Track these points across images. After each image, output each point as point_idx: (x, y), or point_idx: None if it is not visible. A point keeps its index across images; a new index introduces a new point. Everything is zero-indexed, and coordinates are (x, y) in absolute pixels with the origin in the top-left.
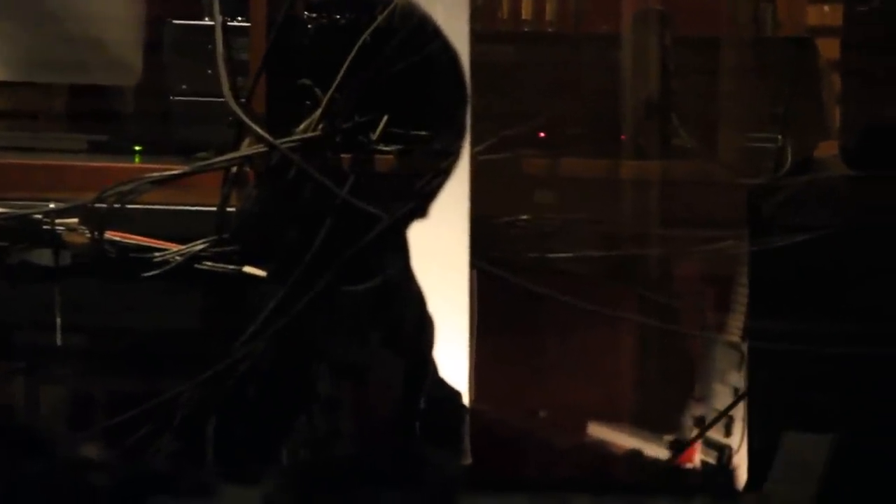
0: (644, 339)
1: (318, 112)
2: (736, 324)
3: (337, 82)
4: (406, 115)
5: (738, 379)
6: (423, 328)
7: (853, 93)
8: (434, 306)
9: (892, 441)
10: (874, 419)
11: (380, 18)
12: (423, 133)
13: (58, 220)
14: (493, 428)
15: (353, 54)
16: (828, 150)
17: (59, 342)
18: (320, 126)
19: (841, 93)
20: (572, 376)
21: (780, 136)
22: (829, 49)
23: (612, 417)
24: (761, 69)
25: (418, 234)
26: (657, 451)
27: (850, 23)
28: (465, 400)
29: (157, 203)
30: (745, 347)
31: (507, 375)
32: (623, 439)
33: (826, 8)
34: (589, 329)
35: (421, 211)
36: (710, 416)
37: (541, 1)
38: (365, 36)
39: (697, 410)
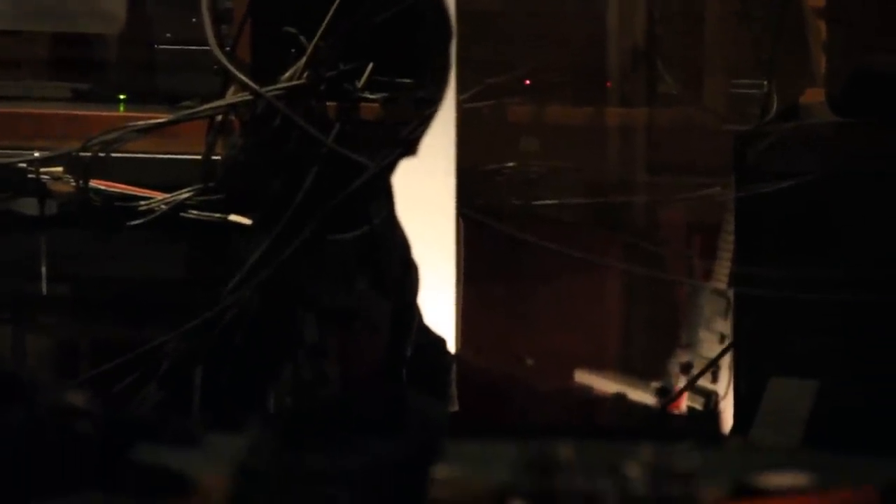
0: (630, 286)
1: (303, 60)
2: (722, 271)
3: (322, 30)
4: (391, 62)
5: (724, 326)
6: (408, 275)
7: (839, 39)
8: (420, 253)
9: (877, 386)
10: (859, 365)
11: None
12: (409, 81)
13: (42, 169)
14: (479, 375)
15: (337, 2)
16: (814, 96)
17: (44, 291)
18: (305, 74)
19: (826, 39)
20: (559, 323)
21: (765, 83)
22: None
23: (598, 364)
24: (747, 16)
25: (405, 182)
26: (644, 397)
27: None
28: (451, 346)
29: (142, 152)
30: (731, 294)
31: (494, 322)
32: (609, 386)
33: None
34: (575, 276)
35: (407, 158)
36: (697, 363)
37: None
38: None
39: (684, 357)
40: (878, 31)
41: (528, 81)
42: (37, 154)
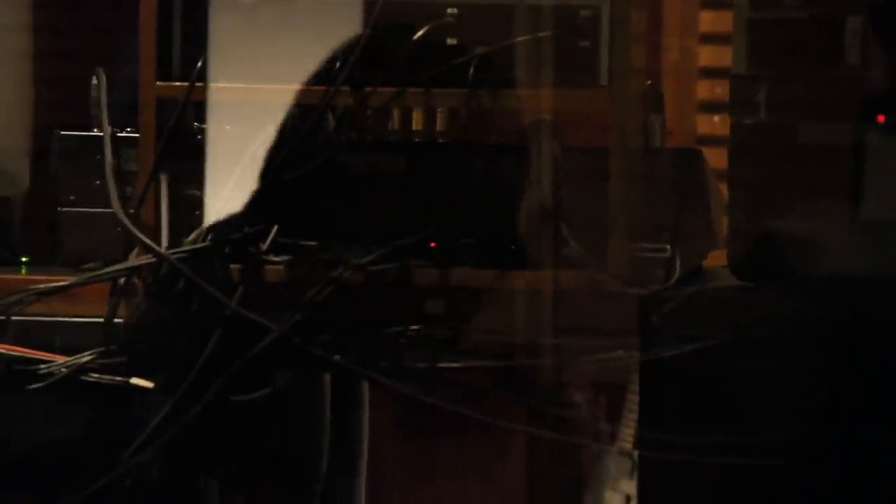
0: (535, 447)
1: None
2: (628, 431)
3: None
4: (296, 224)
5: (629, 486)
6: (315, 438)
7: (740, 204)
8: (328, 416)
9: None
10: None
11: (270, 128)
12: (313, 243)
13: None
14: None
15: (242, 164)
16: (716, 260)
17: None
18: (209, 236)
19: (728, 203)
20: (463, 485)
21: (669, 246)
22: (719, 158)
23: None
24: (651, 179)
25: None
26: None
27: (736, 135)
28: None
29: (44, 314)
30: (636, 455)
31: (399, 484)
32: None
33: (716, 118)
34: (480, 438)
35: (311, 320)
36: None
37: (431, 111)
38: (255, 147)
39: None
40: (780, 195)
41: (433, 244)
42: None
